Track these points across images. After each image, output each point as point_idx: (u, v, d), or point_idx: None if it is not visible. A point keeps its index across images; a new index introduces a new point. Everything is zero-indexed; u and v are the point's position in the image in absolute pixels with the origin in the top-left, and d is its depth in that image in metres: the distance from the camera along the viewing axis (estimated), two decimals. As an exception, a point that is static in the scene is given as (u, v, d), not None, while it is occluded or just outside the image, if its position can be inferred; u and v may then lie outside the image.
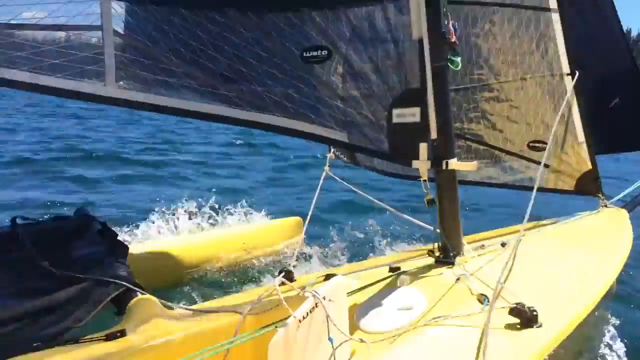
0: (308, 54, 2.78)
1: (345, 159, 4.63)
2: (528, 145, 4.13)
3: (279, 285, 2.10)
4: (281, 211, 5.93)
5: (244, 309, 2.31)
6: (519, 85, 4.06)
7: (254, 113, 2.82)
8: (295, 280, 2.81)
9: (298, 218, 4.94)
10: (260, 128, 2.91)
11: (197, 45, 2.73)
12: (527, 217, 2.78)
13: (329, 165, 4.04)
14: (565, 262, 3.14)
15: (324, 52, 2.77)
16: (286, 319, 1.80)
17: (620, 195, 4.52)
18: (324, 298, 1.94)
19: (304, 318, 1.85)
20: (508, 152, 4.20)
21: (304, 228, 3.86)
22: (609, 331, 3.49)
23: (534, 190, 2.91)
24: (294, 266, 3.11)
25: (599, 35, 5.03)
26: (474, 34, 4.04)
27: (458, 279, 2.64)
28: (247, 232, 4.85)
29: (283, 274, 2.65)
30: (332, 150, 4.19)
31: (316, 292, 1.93)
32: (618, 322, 3.65)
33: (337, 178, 4.02)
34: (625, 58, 5.34)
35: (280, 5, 2.80)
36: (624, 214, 4.12)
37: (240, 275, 4.38)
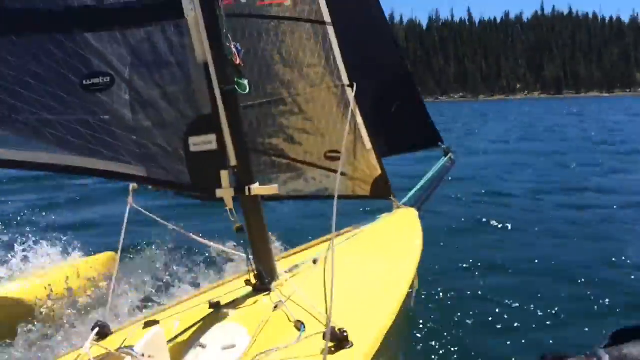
0: (88, 82, 2.54)
1: (150, 187, 4.38)
2: (325, 156, 4.31)
3: (90, 348, 1.90)
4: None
5: None
6: (309, 97, 4.22)
7: (34, 153, 2.50)
8: (113, 333, 2.54)
9: (112, 253, 4.55)
10: (44, 169, 2.59)
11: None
12: (334, 229, 2.87)
13: (132, 196, 3.75)
14: (367, 272, 3.33)
15: (106, 79, 2.55)
16: None
17: (409, 196, 4.97)
18: (142, 355, 1.80)
19: None
20: (308, 164, 4.34)
21: (116, 266, 3.49)
22: (410, 331, 3.78)
23: (335, 199, 3.00)
24: (110, 311, 2.83)
25: (371, 44, 5.45)
26: (261, 48, 4.08)
27: (276, 307, 2.64)
28: (54, 275, 4.33)
29: (97, 330, 2.39)
30: None
31: (132, 349, 1.78)
32: (416, 319, 3.98)
33: (142, 210, 3.74)
34: (397, 65, 5.90)
35: (46, 27, 2.51)
36: (413, 212, 4.54)
37: (53, 326, 3.85)
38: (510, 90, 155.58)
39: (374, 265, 3.53)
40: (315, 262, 3.34)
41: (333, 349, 2.22)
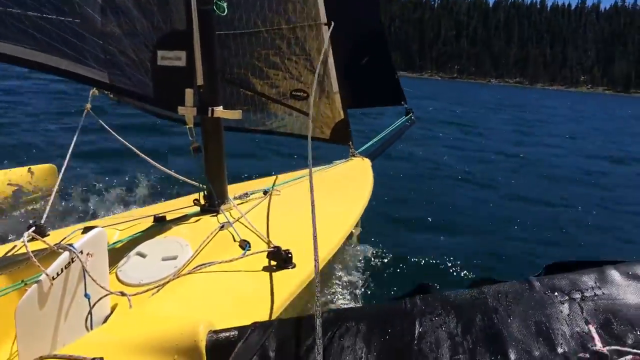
0: None
1: (111, 95, 4.30)
2: (291, 94, 4.36)
3: (29, 241, 1.92)
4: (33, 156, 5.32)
5: None
6: (285, 33, 4.21)
7: None
8: (49, 235, 2.56)
9: (51, 165, 4.47)
10: (5, 61, 2.53)
11: None
12: (310, 165, 2.93)
13: (90, 103, 3.69)
14: (319, 208, 3.45)
15: None
16: (38, 276, 1.67)
17: (366, 146, 5.11)
18: (81, 252, 1.83)
19: (57, 275, 1.72)
20: (273, 99, 4.37)
21: (59, 176, 3.47)
22: (352, 264, 4.00)
23: (309, 139, 3.07)
24: (47, 218, 2.80)
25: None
26: None
27: (222, 227, 2.69)
28: None
29: (33, 228, 2.39)
30: None
31: (72, 245, 1.81)
32: (359, 255, 4.21)
33: (101, 121, 3.70)
34: (374, 19, 5.92)
35: None
36: (367, 162, 4.67)
37: None
38: (572, 82, 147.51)
39: (323, 202, 3.64)
40: (265, 192, 3.43)
41: (275, 268, 2.29)
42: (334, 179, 4.23)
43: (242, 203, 3.22)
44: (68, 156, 3.17)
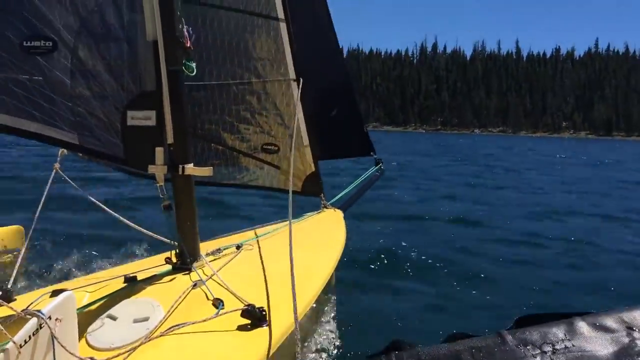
0: (29, 44, 2.50)
1: (80, 155, 4.27)
2: (262, 147, 4.41)
3: None
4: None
5: None
6: (254, 88, 4.30)
7: None
8: (16, 300, 2.49)
9: (19, 227, 4.38)
10: None
11: None
12: (290, 217, 2.95)
13: (59, 162, 3.65)
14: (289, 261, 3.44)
15: (48, 44, 2.53)
16: (5, 344, 1.61)
17: (337, 198, 5.18)
18: (49, 318, 1.78)
19: (25, 342, 1.67)
20: (244, 153, 4.40)
21: (27, 238, 3.40)
22: (327, 319, 3.97)
23: (290, 193, 3.14)
24: (13, 283, 2.72)
25: (318, 47, 5.66)
26: (213, 36, 4.12)
27: (195, 285, 2.65)
28: None
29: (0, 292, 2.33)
30: None
31: (40, 311, 1.76)
32: (334, 309, 4.18)
33: (69, 180, 3.66)
34: (341, 73, 6.14)
35: None
36: (339, 214, 4.71)
37: None
38: (555, 129, 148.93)
39: (297, 255, 3.63)
40: (238, 247, 3.41)
41: (249, 327, 2.26)
42: (307, 231, 4.24)
43: (214, 259, 3.20)
44: (36, 217, 3.10)
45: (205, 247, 3.31)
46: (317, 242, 4.05)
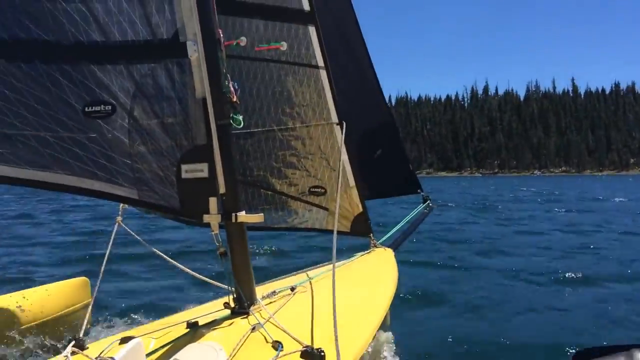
0: (90, 109, 2.71)
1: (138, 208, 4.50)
2: (309, 190, 4.52)
3: (71, 355, 1.99)
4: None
5: None
6: (299, 134, 4.44)
7: (32, 171, 2.66)
8: (88, 348, 2.63)
9: (84, 279, 4.61)
10: (43, 187, 2.73)
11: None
12: (334, 257, 3.01)
13: (121, 216, 3.86)
14: (345, 301, 3.48)
15: (108, 108, 2.74)
16: None
17: (386, 237, 5.20)
18: None
19: None
20: (293, 197, 4.53)
21: (95, 290, 3.57)
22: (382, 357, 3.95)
23: (334, 234, 3.20)
24: (85, 333, 2.88)
25: (360, 88, 5.81)
26: (257, 87, 4.32)
27: (254, 329, 2.73)
28: (25, 298, 4.30)
29: (73, 342, 2.47)
30: None
31: (112, 359, 1.88)
32: (392, 347, 4.16)
33: (131, 232, 3.85)
34: (383, 113, 6.25)
35: (54, 57, 2.70)
36: (390, 252, 4.73)
37: (26, 348, 3.89)
38: (622, 165, 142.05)
39: (351, 295, 3.67)
40: (293, 289, 3.49)
41: None
42: (358, 270, 4.28)
43: (270, 302, 3.27)
44: (102, 270, 3.29)
45: (260, 290, 3.40)
46: (370, 280, 4.07)
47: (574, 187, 54.82)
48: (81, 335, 2.73)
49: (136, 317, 4.69)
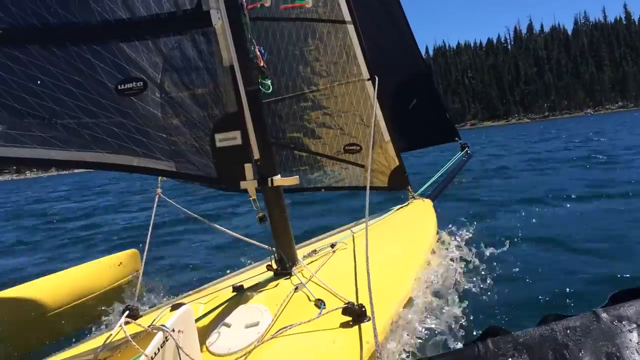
0: (123, 87, 2.78)
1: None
2: (344, 149, 4.53)
3: (125, 324, 2.10)
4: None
5: (93, 354, 2.26)
6: (330, 93, 4.42)
7: (75, 152, 2.77)
8: (142, 317, 2.77)
9: (134, 250, 4.81)
10: (85, 167, 2.85)
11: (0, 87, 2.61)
12: (367, 215, 3.05)
13: (160, 187, 3.98)
14: (385, 256, 3.53)
15: (139, 84, 2.79)
16: (138, 357, 1.83)
17: (424, 187, 5.18)
18: (172, 330, 1.99)
19: (155, 354, 1.88)
20: (328, 157, 4.55)
21: (143, 260, 3.72)
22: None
23: (367, 190, 3.22)
24: (138, 302, 3.05)
25: (394, 42, 5.69)
26: (284, 48, 4.30)
27: (296, 289, 2.81)
28: (80, 273, 4.56)
29: (127, 312, 2.61)
30: None
31: (164, 325, 1.97)
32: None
33: (171, 201, 3.97)
34: (418, 62, 6.11)
35: (84, 38, 2.75)
36: (428, 203, 4.72)
37: (84, 319, 4.14)
38: None
39: (390, 249, 3.71)
40: (332, 246, 3.55)
41: (351, 323, 2.38)
42: (397, 223, 4.30)
43: (312, 262, 3.35)
44: (148, 240, 3.42)
45: (302, 250, 3.47)
46: (409, 232, 4.10)
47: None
48: (133, 304, 2.88)
49: (184, 285, 4.87)
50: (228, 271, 3.84)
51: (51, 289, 4.18)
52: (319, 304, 2.62)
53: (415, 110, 5.84)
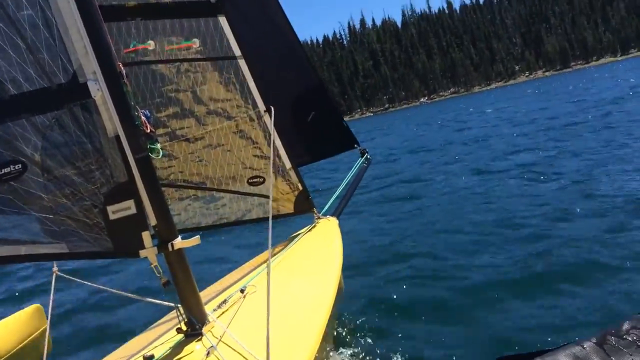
0: (0, 172, 2.63)
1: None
2: (248, 182, 4.53)
3: None
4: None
5: None
6: (227, 130, 4.38)
7: None
8: None
9: (38, 305, 4.58)
10: None
11: None
12: (269, 249, 3.12)
13: (56, 267, 3.78)
14: (293, 293, 3.59)
15: (18, 166, 2.65)
16: None
17: (328, 205, 5.29)
18: None
19: None
20: (232, 192, 4.54)
21: (48, 317, 3.55)
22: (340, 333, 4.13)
23: (269, 223, 3.24)
24: None
25: (282, 62, 5.68)
26: (173, 90, 4.19)
27: (208, 353, 2.78)
28: None
29: None
30: None
31: None
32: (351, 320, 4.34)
33: (71, 278, 3.82)
34: (312, 76, 6.16)
35: None
36: (334, 222, 4.84)
37: None
38: (509, 75, 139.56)
39: (299, 284, 3.78)
40: (242, 291, 3.55)
41: None
42: (303, 252, 4.38)
43: (222, 313, 3.34)
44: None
45: (212, 299, 3.45)
46: (316, 262, 4.19)
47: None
48: None
49: (89, 347, 4.71)
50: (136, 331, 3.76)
51: None
52: None
53: (313, 123, 5.90)
